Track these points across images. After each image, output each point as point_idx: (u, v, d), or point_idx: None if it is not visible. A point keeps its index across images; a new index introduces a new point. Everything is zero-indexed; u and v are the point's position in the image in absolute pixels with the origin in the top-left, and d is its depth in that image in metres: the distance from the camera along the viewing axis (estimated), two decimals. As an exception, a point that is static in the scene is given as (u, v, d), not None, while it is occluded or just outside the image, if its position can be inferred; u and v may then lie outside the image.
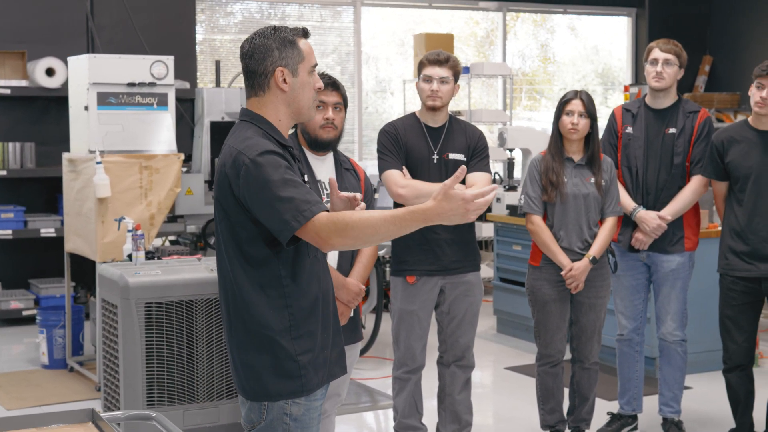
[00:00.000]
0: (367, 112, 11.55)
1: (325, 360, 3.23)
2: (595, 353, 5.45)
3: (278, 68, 3.14)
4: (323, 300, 3.23)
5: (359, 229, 2.93)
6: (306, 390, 3.16)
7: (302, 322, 3.14)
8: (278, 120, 3.20)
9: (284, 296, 3.12)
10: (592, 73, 13.10)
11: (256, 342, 3.13)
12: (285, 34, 3.18)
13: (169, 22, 9.83)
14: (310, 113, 3.28)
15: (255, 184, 3.01)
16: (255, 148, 3.05)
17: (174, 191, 6.77)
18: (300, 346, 3.14)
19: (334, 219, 2.96)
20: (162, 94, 6.85)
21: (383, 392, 6.68)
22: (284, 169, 3.03)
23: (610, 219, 5.33)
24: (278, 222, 2.99)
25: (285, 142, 3.20)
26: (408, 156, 5.05)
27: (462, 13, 12.04)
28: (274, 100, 3.18)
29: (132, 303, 4.84)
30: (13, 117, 9.23)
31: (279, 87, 3.16)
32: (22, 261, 9.29)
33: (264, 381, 3.13)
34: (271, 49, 3.14)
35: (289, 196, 2.98)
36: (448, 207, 2.84)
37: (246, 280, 3.11)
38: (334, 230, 2.95)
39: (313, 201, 2.99)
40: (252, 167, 3.02)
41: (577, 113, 5.24)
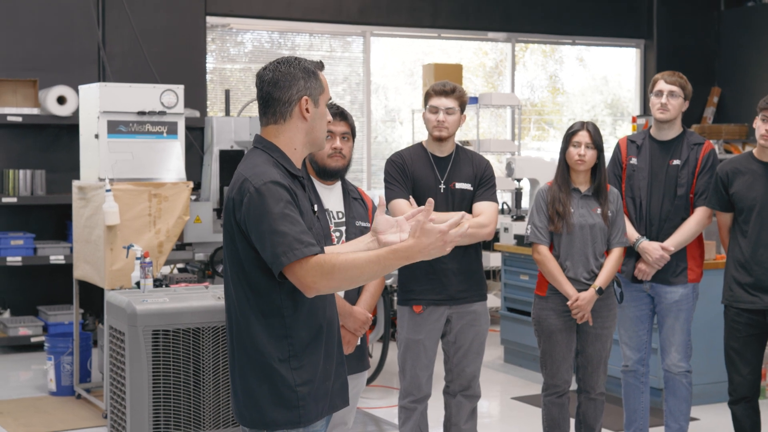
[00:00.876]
0: (376, 142, 11.59)
1: (327, 391, 3.23)
2: (601, 383, 5.44)
3: (304, 97, 3.18)
4: (327, 331, 3.23)
5: (345, 271, 2.97)
6: (304, 421, 3.15)
7: (302, 352, 3.15)
8: (293, 149, 3.23)
9: (284, 326, 3.13)
10: (602, 103, 13.14)
11: (256, 369, 3.14)
12: (307, 65, 3.23)
13: (179, 52, 9.91)
14: (323, 144, 3.32)
15: (255, 213, 3.04)
16: (261, 177, 3.08)
17: (183, 219, 6.80)
18: (300, 376, 3.14)
19: (321, 261, 2.99)
20: (172, 123, 6.90)
21: (390, 421, 6.68)
22: (285, 203, 3.05)
23: (616, 250, 5.34)
24: (271, 254, 3.02)
25: (295, 171, 3.22)
26: (415, 185, 5.08)
27: (471, 44, 12.11)
28: (294, 129, 3.22)
29: (139, 330, 4.86)
30: (24, 144, 9.30)
31: (302, 116, 3.20)
32: (31, 287, 9.32)
33: (262, 409, 3.14)
34: (298, 78, 3.19)
35: (284, 231, 3.00)
36: (427, 242, 2.90)
37: (248, 306, 3.13)
38: (320, 273, 2.98)
39: (306, 242, 3.01)
40: (255, 196, 3.05)
41: (584, 144, 5.27)
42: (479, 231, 5.04)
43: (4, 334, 8.89)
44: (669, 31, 12.62)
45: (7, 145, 9.21)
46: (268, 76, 3.20)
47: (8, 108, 8.96)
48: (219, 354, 5.00)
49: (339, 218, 4.58)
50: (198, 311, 4.99)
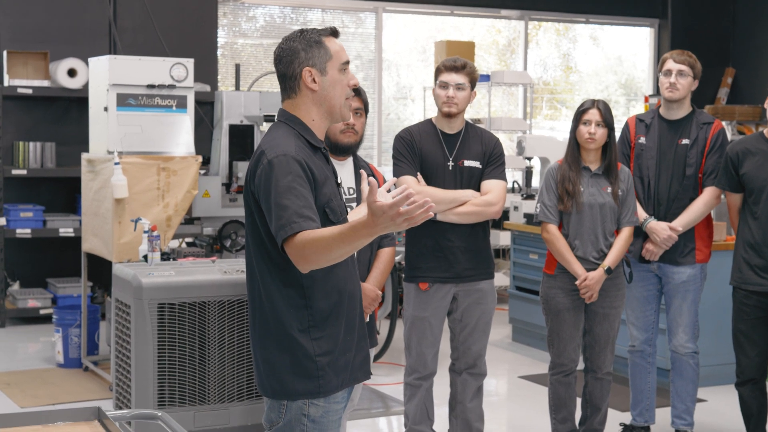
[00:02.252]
0: (388, 119, 11.55)
1: (347, 363, 3.24)
2: (608, 363, 5.43)
3: (305, 68, 3.19)
4: (348, 303, 3.24)
5: (313, 248, 2.96)
6: (323, 391, 3.17)
7: (322, 323, 3.16)
8: (312, 120, 3.24)
9: (304, 296, 3.15)
10: (615, 83, 13.06)
11: (276, 339, 3.16)
12: (311, 35, 3.22)
13: (191, 26, 9.88)
14: (344, 111, 3.28)
15: (266, 185, 3.07)
16: (276, 149, 3.10)
17: (191, 193, 6.79)
18: (319, 346, 3.16)
19: (300, 238, 2.98)
20: (181, 97, 6.88)
21: (396, 398, 6.68)
22: (293, 177, 3.05)
23: (626, 229, 5.31)
24: (274, 227, 3.04)
25: (317, 143, 3.22)
26: (423, 162, 5.05)
27: (484, 21, 12.05)
28: (306, 101, 3.23)
29: (145, 303, 4.86)
30: (34, 117, 9.29)
31: (308, 87, 3.20)
32: (41, 260, 9.34)
33: (283, 379, 3.16)
34: (297, 50, 3.20)
35: (286, 204, 3.01)
36: (378, 220, 2.82)
37: (269, 277, 3.15)
38: (298, 253, 2.99)
39: (305, 216, 3.01)
40: (267, 167, 3.08)
41: (594, 122, 5.23)
42: (487, 209, 5.02)
43: (13, 306, 8.91)
44: (683, 10, 12.52)
45: (18, 118, 9.20)
46: (276, 53, 3.25)
47: (19, 80, 8.95)
48: (224, 328, 5.00)
49: (350, 194, 4.57)
50: (204, 285, 4.99)
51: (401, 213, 2.77)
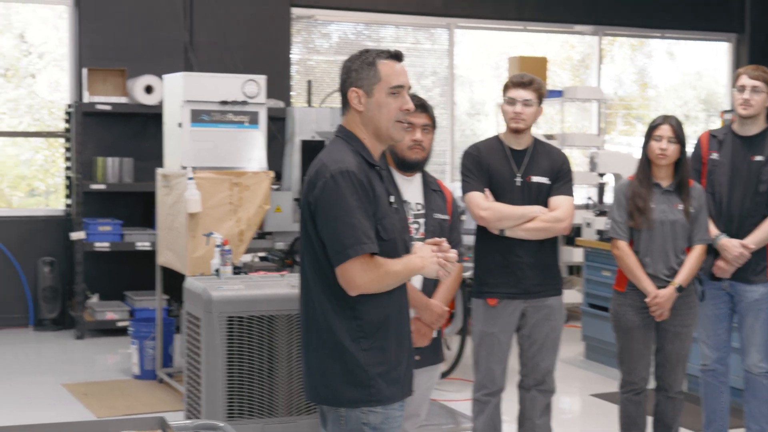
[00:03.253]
0: (464, 135, 11.55)
1: (399, 377, 3.30)
2: (679, 382, 5.36)
3: (351, 89, 3.28)
4: (398, 317, 3.30)
5: (389, 279, 3.18)
6: (375, 400, 3.23)
7: (372, 335, 3.23)
8: (363, 138, 3.32)
9: (353, 308, 3.21)
10: (695, 99, 12.89)
11: (329, 348, 3.22)
12: (368, 56, 3.29)
13: (265, 43, 10.00)
14: (391, 134, 3.33)
15: (328, 200, 3.12)
16: (338, 164, 3.16)
17: (263, 208, 6.88)
18: (370, 357, 3.22)
19: (374, 263, 3.13)
20: (253, 113, 6.98)
21: (466, 414, 6.65)
22: (359, 196, 3.12)
23: (698, 247, 5.24)
24: (337, 243, 3.10)
25: (372, 161, 3.28)
26: (491, 178, 5.04)
27: (557, 37, 11.99)
28: (355, 120, 3.32)
29: (214, 316, 4.93)
30: (113, 133, 9.49)
31: (354, 107, 3.29)
32: (119, 273, 9.52)
33: (334, 386, 3.23)
34: (350, 70, 3.29)
35: (354, 223, 3.09)
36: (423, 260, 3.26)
37: (320, 287, 3.22)
38: (375, 275, 3.14)
39: (371, 239, 3.12)
40: (331, 182, 3.13)
41: (666, 138, 5.18)
42: (555, 225, 5.00)
43: (92, 318, 9.09)
44: (761, 24, 12.32)
45: (97, 133, 9.40)
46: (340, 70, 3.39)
47: (98, 97, 9.15)
48: (293, 341, 5.04)
49: (418, 210, 4.58)
50: (273, 299, 5.04)
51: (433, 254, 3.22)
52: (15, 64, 9.86)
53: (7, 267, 9.39)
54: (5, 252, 9.37)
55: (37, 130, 9.89)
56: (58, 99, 9.88)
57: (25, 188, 10.04)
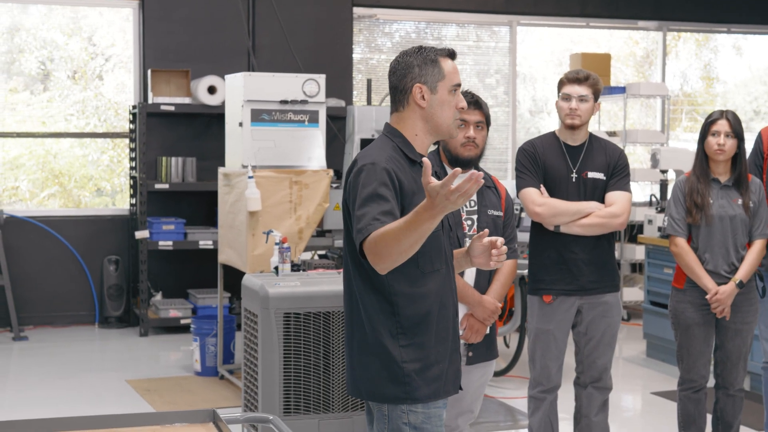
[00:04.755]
0: (528, 133, 11.50)
1: (441, 374, 3.29)
2: (740, 380, 5.29)
3: (416, 84, 3.27)
4: (440, 313, 3.28)
5: (384, 243, 2.99)
6: (411, 398, 3.22)
7: (410, 330, 3.23)
8: (415, 135, 3.32)
9: (392, 303, 3.23)
10: (766, 94, 12.67)
11: (369, 344, 3.25)
12: (428, 53, 3.30)
13: (326, 43, 10.06)
14: (451, 131, 3.35)
15: (352, 191, 3.18)
16: (367, 158, 3.21)
17: (322, 206, 6.92)
18: (407, 354, 3.22)
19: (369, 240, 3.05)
20: (313, 112, 7.03)
21: (524, 412, 6.65)
22: (377, 184, 3.12)
23: (758, 242, 5.18)
24: (354, 232, 3.13)
25: (414, 156, 3.28)
26: (546, 174, 5.03)
27: (621, 33, 11.89)
28: (412, 116, 3.31)
29: (271, 313, 4.98)
30: (176, 133, 9.62)
31: (417, 103, 3.29)
32: (182, 271, 9.65)
33: (374, 382, 3.25)
34: (412, 66, 3.28)
35: (365, 210, 3.08)
36: (435, 201, 2.83)
37: (360, 283, 3.26)
38: (371, 251, 3.04)
39: (382, 220, 3.05)
40: (355, 176, 3.19)
41: (723, 134, 5.12)
42: (612, 221, 4.97)
43: (156, 316, 9.23)
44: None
45: (161, 134, 9.55)
46: (392, 66, 3.33)
47: (162, 97, 9.28)
48: (349, 338, 5.07)
49: (471, 206, 4.58)
50: (328, 295, 5.08)
51: (453, 189, 2.79)
52: (83, 66, 10.05)
53: (74, 265, 9.57)
54: (72, 251, 9.55)
55: (103, 131, 10.07)
56: (123, 100, 10.04)
57: (91, 188, 10.23)
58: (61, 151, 10.07)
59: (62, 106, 10.00)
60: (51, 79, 9.97)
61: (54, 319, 9.51)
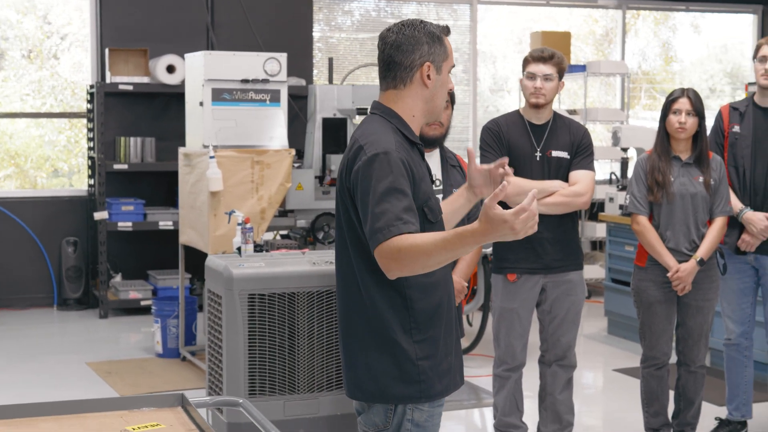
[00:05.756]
0: (487, 111, 11.51)
1: (450, 368, 3.12)
2: (701, 356, 5.34)
3: (426, 63, 3.06)
4: (447, 305, 3.12)
5: (411, 255, 2.82)
6: (425, 396, 3.05)
7: (424, 324, 3.04)
8: (412, 116, 3.11)
9: (405, 297, 3.02)
10: (720, 72, 12.77)
11: (377, 342, 3.04)
12: (432, 29, 3.09)
13: (286, 21, 9.99)
14: (440, 113, 3.20)
15: (364, 182, 2.94)
16: (376, 144, 2.97)
17: (285, 186, 6.88)
18: (421, 350, 3.04)
19: (392, 245, 2.84)
20: (275, 91, 6.98)
21: (488, 390, 6.67)
22: (394, 177, 2.91)
23: (719, 219, 5.21)
24: (369, 229, 2.90)
25: (414, 138, 3.10)
26: (510, 153, 5.03)
27: (580, 11, 11.91)
28: (413, 95, 3.09)
29: (235, 294, 4.94)
30: (135, 113, 9.52)
31: (423, 82, 3.07)
32: (142, 252, 9.57)
33: (383, 382, 3.05)
34: (422, 42, 3.05)
35: (385, 207, 2.87)
36: (491, 228, 2.71)
37: (368, 276, 3.02)
38: (391, 257, 2.84)
39: (405, 220, 2.86)
40: (367, 163, 2.94)
41: (684, 112, 5.15)
42: (575, 200, 4.98)
43: (115, 297, 9.15)
44: (787, -4, 12.19)
45: (119, 113, 9.44)
46: (391, 38, 3.08)
47: (120, 77, 9.18)
48: (314, 319, 5.05)
49: (437, 185, 4.58)
50: (293, 276, 5.04)
51: (529, 215, 2.68)
52: (38, 45, 9.90)
53: (32, 247, 9.46)
54: (29, 232, 9.44)
55: (60, 111, 9.94)
56: (80, 80, 9.92)
57: (48, 169, 10.11)
58: (16, 131, 9.93)
59: (17, 86, 9.85)
60: (5, 58, 9.82)
61: (12, 302, 9.40)
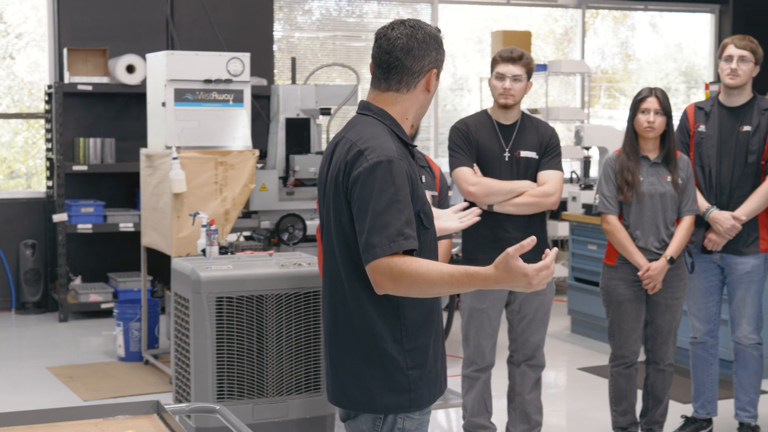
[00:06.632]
0: (445, 110, 11.51)
1: (437, 375, 3.07)
2: (670, 355, 5.36)
3: (433, 70, 3.01)
4: (438, 312, 3.08)
5: (413, 281, 2.79)
6: (415, 405, 3.00)
7: (414, 333, 2.98)
8: (405, 119, 3.04)
9: (396, 305, 2.96)
10: (675, 71, 12.88)
11: (366, 351, 2.98)
12: (436, 33, 3.05)
13: (247, 20, 9.91)
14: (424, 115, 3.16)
15: (364, 191, 2.86)
16: (378, 151, 2.88)
17: (248, 187, 6.83)
18: (412, 359, 2.98)
19: (394, 263, 2.80)
20: (238, 91, 6.91)
21: (455, 391, 6.64)
22: (396, 187, 2.84)
23: (687, 218, 5.24)
24: (364, 241, 2.84)
25: (408, 140, 3.04)
26: (479, 153, 5.02)
27: (540, 10, 11.94)
28: (413, 99, 3.03)
29: (203, 297, 4.89)
30: (94, 113, 9.40)
31: (426, 88, 3.03)
32: (102, 255, 9.46)
33: (372, 392, 2.99)
34: (431, 48, 3.00)
35: (386, 221, 2.81)
36: (508, 277, 2.74)
37: (358, 284, 2.95)
38: (389, 275, 2.81)
39: (407, 235, 2.82)
40: (368, 172, 2.86)
41: (652, 111, 5.16)
42: (544, 200, 4.98)
43: (75, 300, 9.03)
44: (745, -5, 12.30)
45: (78, 114, 9.31)
46: (401, 42, 2.98)
47: (79, 77, 9.05)
48: (282, 321, 5.01)
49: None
50: (261, 278, 5.00)
51: (544, 276, 2.73)
52: (-7, 44, 9.75)
53: (-10, 250, 9.32)
54: (-13, 235, 9.29)
55: (16, 112, 9.79)
56: (37, 80, 9.78)
57: (5, 171, 9.95)
58: (-28, 132, 9.77)
59: (-27, 86, 9.70)
60: (-39, 58, 9.66)
61: (-31, 306, 9.26)
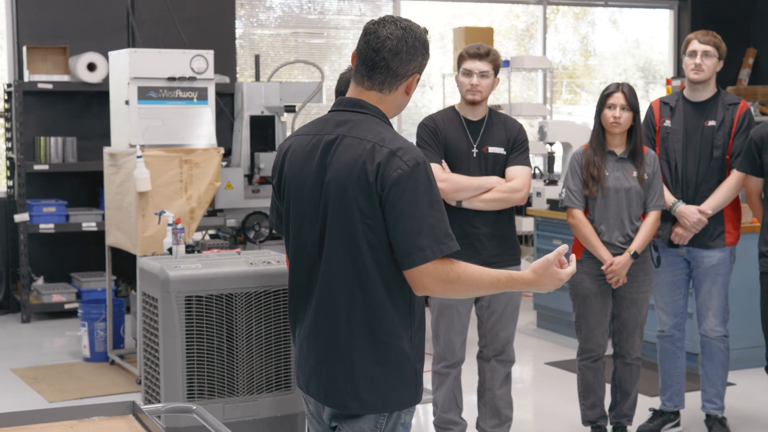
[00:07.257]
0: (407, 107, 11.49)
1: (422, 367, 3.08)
2: (637, 348, 5.40)
3: (416, 75, 3.00)
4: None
5: (467, 286, 2.89)
6: (418, 399, 3.02)
7: (418, 329, 3.00)
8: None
9: (409, 301, 2.95)
10: (633, 66, 12.98)
11: (381, 351, 2.93)
12: (425, 37, 3.02)
13: (208, 17, 9.86)
14: None
15: (407, 193, 2.82)
16: (410, 152, 2.86)
17: (214, 185, 6.79)
18: (418, 354, 3.00)
19: (448, 268, 2.84)
20: (202, 89, 6.88)
21: (427, 387, 6.66)
22: (435, 188, 2.86)
23: (652, 213, 5.27)
24: (411, 244, 2.81)
25: None
26: (447, 149, 5.02)
27: (502, 7, 11.98)
28: (392, 101, 3.01)
29: (172, 296, 4.85)
30: (55, 112, 9.31)
31: (406, 91, 3.01)
32: (64, 255, 9.37)
33: (386, 392, 2.95)
34: (418, 54, 2.98)
35: (431, 223, 2.81)
36: (546, 282, 2.95)
37: (381, 284, 2.90)
38: (443, 279, 2.84)
39: (452, 235, 2.84)
40: (408, 175, 2.82)
41: (619, 106, 5.19)
42: (512, 195, 5.00)
43: (38, 301, 8.94)
44: (703, -9, 12.42)
45: (38, 113, 9.22)
46: (390, 43, 2.94)
47: (39, 75, 8.96)
48: (252, 320, 4.99)
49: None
50: (231, 277, 4.97)
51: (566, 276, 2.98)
52: (-50, 43, 9.61)
53: (-50, 251, 9.20)
54: (-53, 236, 9.17)
55: (-25, 111, 9.67)
56: (-4, 78, 9.67)
57: (-35, 170, 9.83)
58: (-70, 132, 9.64)
59: (-70, 85, 9.56)
60: None
61: (-71, 308, 9.13)
